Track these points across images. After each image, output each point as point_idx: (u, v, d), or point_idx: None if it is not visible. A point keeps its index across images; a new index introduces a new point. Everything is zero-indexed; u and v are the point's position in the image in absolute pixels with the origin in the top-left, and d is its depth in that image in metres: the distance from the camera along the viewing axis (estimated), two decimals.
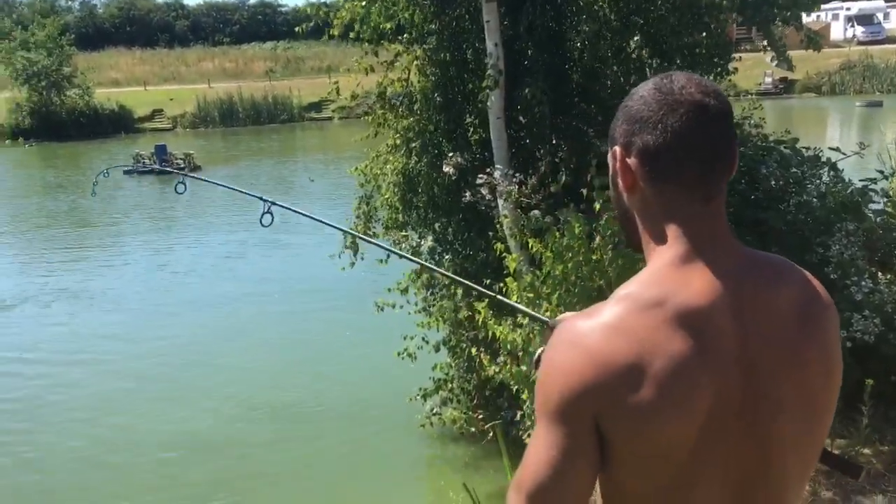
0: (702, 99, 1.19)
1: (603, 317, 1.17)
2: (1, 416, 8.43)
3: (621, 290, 1.20)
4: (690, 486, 1.17)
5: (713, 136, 1.19)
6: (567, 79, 6.36)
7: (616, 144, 1.26)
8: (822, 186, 5.82)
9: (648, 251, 1.25)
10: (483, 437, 6.66)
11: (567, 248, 4.90)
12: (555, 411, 1.16)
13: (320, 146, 29.94)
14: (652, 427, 1.13)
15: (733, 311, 1.16)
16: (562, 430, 1.15)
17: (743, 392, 1.16)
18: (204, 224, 18.23)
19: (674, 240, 1.21)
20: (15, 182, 26.42)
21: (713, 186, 1.21)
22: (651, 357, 1.12)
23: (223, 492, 6.77)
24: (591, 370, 1.13)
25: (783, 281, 1.23)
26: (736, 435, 1.16)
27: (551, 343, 1.21)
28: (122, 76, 45.93)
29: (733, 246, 1.23)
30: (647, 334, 1.13)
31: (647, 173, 1.21)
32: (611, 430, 1.15)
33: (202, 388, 8.80)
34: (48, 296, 12.55)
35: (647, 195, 1.23)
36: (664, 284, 1.18)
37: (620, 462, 1.17)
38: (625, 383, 1.12)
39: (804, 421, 1.21)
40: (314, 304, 11.18)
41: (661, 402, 1.12)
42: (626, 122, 1.24)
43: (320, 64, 45.73)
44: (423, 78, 6.54)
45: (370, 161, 7.04)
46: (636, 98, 1.24)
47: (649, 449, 1.14)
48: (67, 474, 7.22)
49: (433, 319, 6.57)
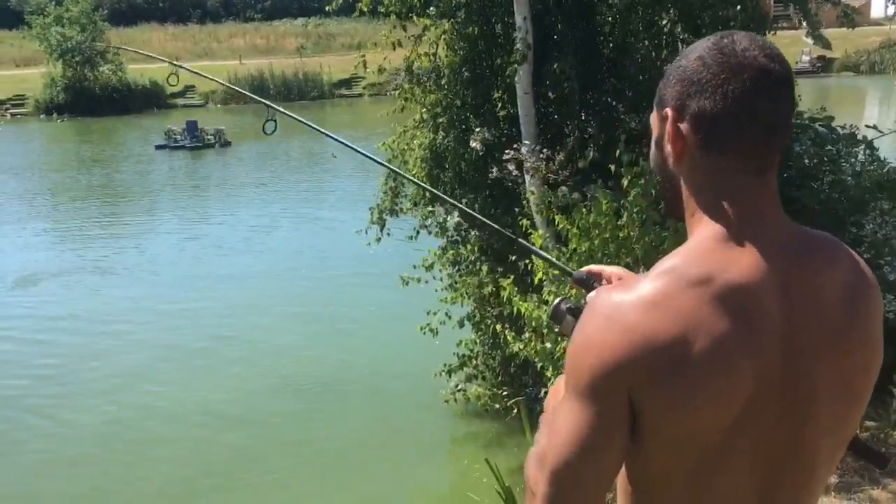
0: (766, 63, 1.11)
1: (644, 291, 1.10)
2: (33, 383, 8.60)
3: (664, 263, 1.13)
4: (719, 469, 1.13)
5: (775, 104, 1.12)
6: (597, 53, 6.27)
7: (667, 106, 1.17)
8: (858, 165, 5.70)
9: (693, 222, 1.18)
10: (507, 414, 6.67)
11: (594, 224, 4.85)
12: (588, 387, 1.10)
13: (351, 123, 29.91)
14: (689, 409, 1.08)
15: (780, 291, 1.11)
16: (594, 408, 1.10)
17: (782, 374, 1.11)
18: (236, 198, 18.40)
19: (723, 212, 1.14)
20: (50, 156, 26.77)
21: (768, 158, 1.14)
22: (694, 337, 1.06)
23: (247, 464, 6.86)
24: (628, 348, 1.07)
25: (831, 261, 1.17)
26: (771, 418, 1.12)
27: (587, 315, 1.15)
28: (154, 52, 46.20)
29: (783, 221, 1.16)
30: (691, 313, 1.07)
31: (701, 140, 1.13)
32: (645, 410, 1.09)
33: (228, 361, 8.89)
34: (81, 267, 12.75)
35: (698, 163, 1.15)
36: (711, 260, 1.11)
37: (650, 441, 1.12)
38: (664, 363, 1.07)
39: (841, 403, 1.17)
40: (342, 279, 11.25)
41: (701, 385, 1.07)
42: (681, 84, 1.15)
43: (351, 41, 45.59)
44: (450, 52, 6.48)
45: (397, 136, 7.02)
46: (693, 58, 1.14)
47: (683, 430, 1.10)
48: (94, 443, 7.35)
49: (458, 295, 6.56)
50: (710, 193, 1.15)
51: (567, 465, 1.11)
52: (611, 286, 1.17)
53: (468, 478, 6.28)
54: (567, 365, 1.15)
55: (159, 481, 6.65)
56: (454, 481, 6.74)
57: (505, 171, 5.87)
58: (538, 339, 5.24)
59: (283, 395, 8.05)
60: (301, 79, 39.82)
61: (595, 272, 1.64)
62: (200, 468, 6.84)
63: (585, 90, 6.11)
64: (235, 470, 6.78)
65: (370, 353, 8.84)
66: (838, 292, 1.15)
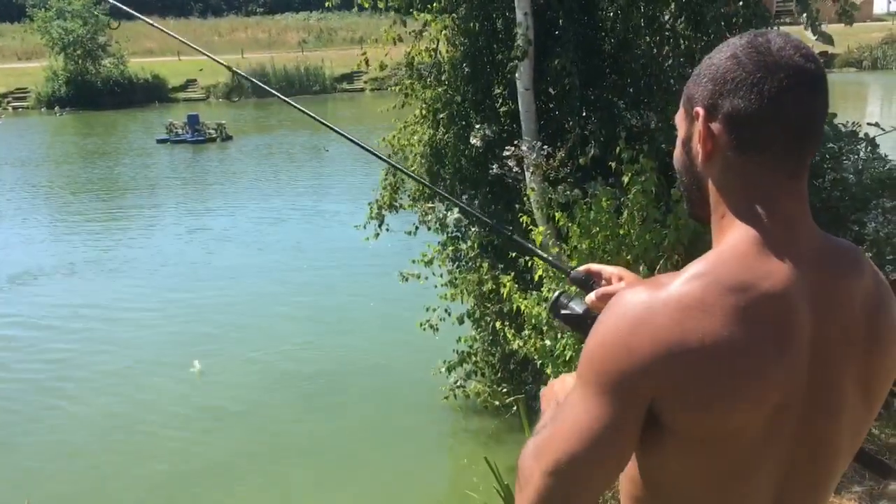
0: (802, 63, 1.09)
1: (676, 294, 1.07)
2: (34, 376, 8.59)
3: (696, 268, 1.10)
4: (740, 473, 1.12)
5: (811, 105, 1.10)
6: (598, 49, 6.24)
7: (697, 106, 1.14)
8: (860, 163, 5.67)
9: (723, 224, 1.15)
10: (506, 411, 6.65)
11: (594, 222, 4.83)
12: (609, 386, 1.07)
13: (353, 118, 29.89)
14: (718, 416, 1.06)
15: (811, 301, 1.09)
16: (612, 406, 1.07)
17: (809, 381, 1.10)
18: (238, 192, 18.40)
19: (755, 216, 1.11)
20: (51, 150, 26.76)
21: (802, 161, 1.12)
22: (727, 345, 1.04)
23: (245, 459, 6.85)
24: (657, 351, 1.04)
25: (856, 269, 1.16)
26: (795, 424, 1.11)
27: (613, 314, 1.10)
28: (156, 46, 46.16)
29: (812, 228, 1.14)
30: (725, 320, 1.04)
31: (733, 141, 1.11)
32: (668, 415, 1.07)
33: (226, 356, 8.88)
34: (81, 261, 12.74)
35: (730, 164, 1.12)
36: (746, 267, 1.08)
37: (673, 446, 1.10)
38: (694, 370, 1.04)
39: (861, 409, 1.17)
40: (342, 273, 11.26)
41: (731, 394, 1.05)
42: (713, 83, 1.12)
43: (353, 35, 45.60)
44: (451, 48, 6.46)
45: (398, 132, 7.00)
46: (725, 56, 1.12)
47: (708, 437, 1.08)
48: (94, 436, 7.35)
49: (458, 292, 6.54)
50: (742, 196, 1.13)
51: (570, 459, 1.09)
52: (637, 286, 1.12)
53: (467, 475, 6.27)
54: (586, 361, 1.12)
55: (158, 476, 6.64)
56: (453, 478, 6.73)
57: (505, 168, 5.84)
58: (538, 337, 5.23)
59: (282, 390, 8.04)
60: (303, 73, 39.81)
61: (594, 271, 1.61)
62: (199, 463, 6.82)
63: (586, 86, 6.08)
64: (234, 465, 6.76)
65: (369, 349, 8.82)
66: (861, 300, 1.15)
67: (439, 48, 6.60)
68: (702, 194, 1.19)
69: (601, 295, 1.51)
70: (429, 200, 6.81)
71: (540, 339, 5.17)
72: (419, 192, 6.86)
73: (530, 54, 5.83)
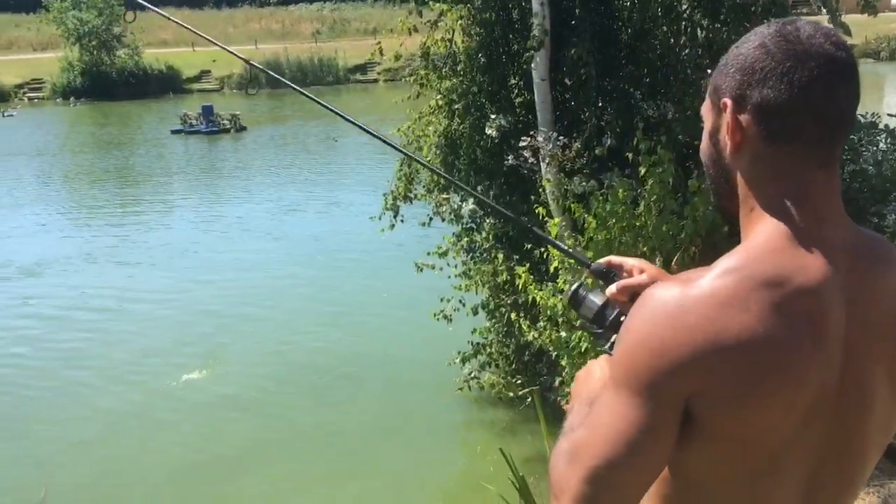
0: (834, 52, 1.07)
1: (708, 290, 1.05)
2: (50, 364, 8.67)
3: (727, 262, 1.08)
4: (771, 471, 1.11)
5: (842, 94, 1.08)
6: (615, 39, 6.19)
7: (724, 96, 1.12)
8: (879, 154, 5.61)
9: (752, 217, 1.13)
10: (521, 403, 6.64)
11: (611, 213, 4.80)
12: (643, 386, 1.05)
13: (366, 108, 29.81)
14: (752, 415, 1.05)
15: (845, 295, 1.08)
16: (647, 407, 1.05)
17: (842, 378, 1.09)
18: (252, 182, 18.45)
19: (786, 209, 1.09)
20: (66, 140, 26.90)
21: (832, 151, 1.10)
22: (763, 341, 1.02)
23: (258, 450, 6.87)
24: (692, 350, 1.03)
25: (888, 263, 1.14)
26: (827, 421, 1.09)
27: (645, 310, 1.09)
28: (170, 37, 46.27)
29: (845, 220, 1.12)
30: (760, 315, 1.03)
31: (763, 131, 1.09)
32: (703, 413, 1.06)
33: (241, 347, 8.92)
34: (97, 250, 12.83)
35: (759, 156, 1.11)
36: (779, 262, 1.06)
37: (705, 445, 1.09)
38: (730, 367, 1.02)
39: (892, 405, 1.15)
40: (356, 264, 11.26)
41: (766, 391, 1.03)
42: (741, 73, 1.10)
43: (366, 26, 45.49)
44: (467, 38, 6.43)
45: (412, 122, 6.98)
46: (754, 46, 1.10)
47: (742, 436, 1.07)
48: (107, 424, 7.39)
49: (472, 283, 6.53)
50: (772, 188, 1.11)
51: (608, 465, 1.07)
52: (668, 282, 1.10)
53: (481, 466, 6.27)
54: (619, 362, 1.10)
55: (170, 465, 6.68)
56: (467, 469, 6.73)
57: (521, 159, 5.82)
58: (553, 328, 5.21)
59: (296, 380, 8.07)
60: (317, 64, 39.76)
61: (615, 263, 1.57)
62: (214, 453, 6.86)
63: (602, 77, 6.04)
64: (246, 455, 6.79)
65: (383, 339, 8.83)
66: (893, 293, 1.13)
67: (455, 38, 6.57)
68: (730, 187, 1.17)
69: (622, 287, 1.49)
70: (443, 191, 6.80)
71: (555, 331, 5.15)
72: (434, 183, 6.85)
73: (546, 44, 5.79)
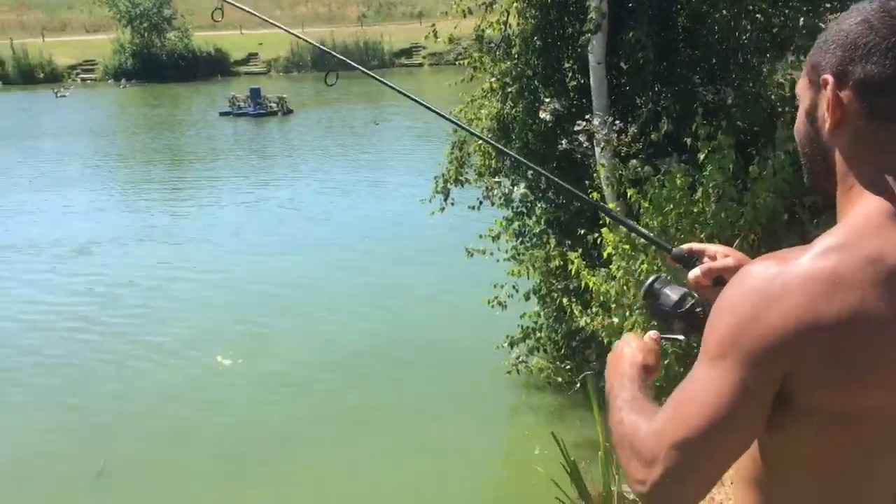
0: None
1: (809, 268, 1.04)
2: (101, 342, 8.84)
3: (828, 240, 1.07)
4: (868, 451, 1.10)
5: None
6: (672, 22, 6.10)
7: (824, 73, 1.11)
8: None
9: (852, 195, 1.11)
10: (569, 388, 6.64)
11: (668, 199, 4.76)
12: (743, 360, 1.04)
13: (412, 92, 29.86)
14: (854, 395, 1.04)
15: None
16: (744, 381, 1.04)
17: None
18: (299, 164, 18.58)
19: (886, 187, 1.08)
20: (121, 121, 27.41)
21: None
22: (865, 319, 1.01)
23: (305, 429, 6.95)
24: (794, 327, 1.02)
25: None
26: None
27: (745, 286, 1.07)
28: (218, 18, 46.68)
29: None
30: (863, 293, 1.02)
31: (866, 108, 1.07)
32: (802, 393, 1.05)
33: (288, 328, 9.02)
34: (149, 229, 13.08)
35: (860, 134, 1.09)
36: (880, 239, 1.05)
37: (799, 425, 1.08)
38: (832, 345, 1.01)
39: None
40: (405, 246, 11.30)
41: (868, 369, 1.02)
42: (842, 49, 1.09)
43: (412, 10, 45.44)
44: (522, 20, 6.38)
45: (465, 106, 6.97)
46: (856, 21, 1.08)
47: (842, 417, 1.06)
48: (157, 402, 7.53)
49: (524, 267, 6.52)
50: (873, 166, 1.09)
51: (701, 433, 1.06)
52: (766, 260, 1.09)
53: (529, 449, 6.29)
54: (716, 335, 1.09)
55: (222, 440, 6.80)
56: (515, 452, 6.76)
57: (575, 143, 5.79)
58: (606, 314, 5.19)
59: (345, 360, 8.14)
60: (362, 48, 39.78)
61: (697, 250, 1.55)
62: (263, 428, 6.97)
63: (660, 60, 5.96)
64: (296, 432, 6.88)
65: (431, 322, 8.87)
66: None
67: (509, 21, 6.52)
68: (827, 165, 1.15)
69: (706, 270, 1.48)
70: (494, 175, 6.79)
71: (608, 317, 5.14)
72: (485, 167, 6.84)
73: (603, 27, 5.73)
